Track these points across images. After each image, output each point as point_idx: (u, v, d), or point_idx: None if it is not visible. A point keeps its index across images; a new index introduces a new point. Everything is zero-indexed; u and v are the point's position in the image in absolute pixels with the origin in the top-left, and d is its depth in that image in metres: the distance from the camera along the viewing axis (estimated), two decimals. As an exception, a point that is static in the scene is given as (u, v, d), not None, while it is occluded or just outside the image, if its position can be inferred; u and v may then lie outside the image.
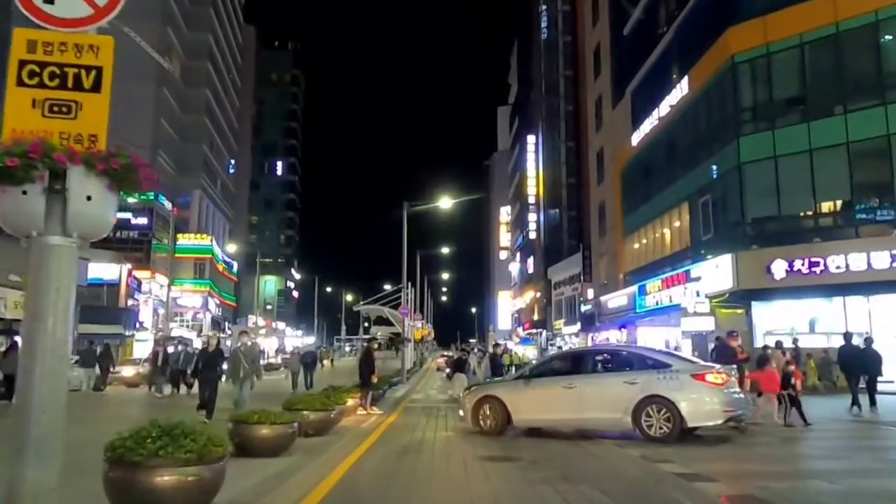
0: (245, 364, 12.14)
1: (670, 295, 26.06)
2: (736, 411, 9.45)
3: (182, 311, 61.78)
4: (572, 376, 10.32)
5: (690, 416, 9.21)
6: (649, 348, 12.42)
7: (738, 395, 9.88)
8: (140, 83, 56.17)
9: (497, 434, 10.37)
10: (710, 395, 9.36)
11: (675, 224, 27.84)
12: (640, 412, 9.34)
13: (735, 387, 9.87)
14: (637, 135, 31.99)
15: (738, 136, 21.67)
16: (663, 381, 9.41)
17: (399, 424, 12.49)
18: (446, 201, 30.20)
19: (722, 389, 9.42)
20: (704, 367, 9.97)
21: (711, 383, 9.40)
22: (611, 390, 9.76)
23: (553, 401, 10.19)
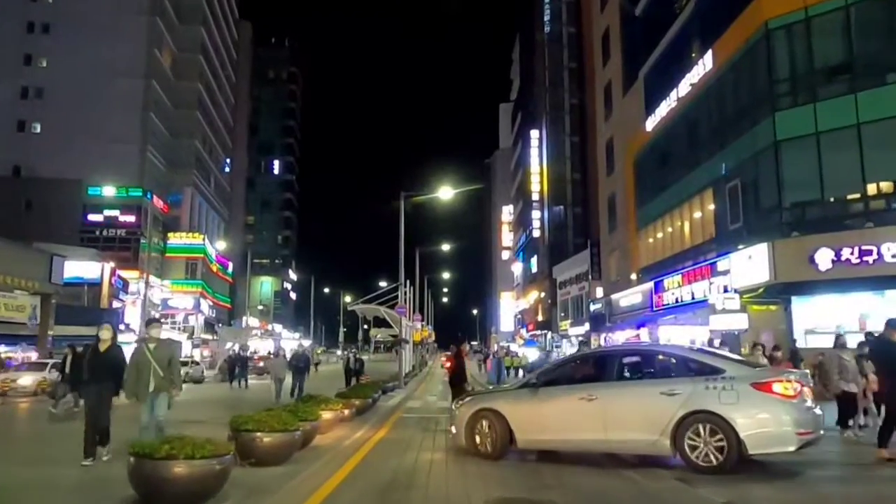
0: (157, 370, 7.88)
1: (692, 291, 23.72)
2: (812, 433, 7.11)
3: (173, 312, 59.46)
4: (594, 385, 8.02)
5: (752, 440, 6.90)
6: (692, 348, 9.56)
7: (815, 411, 7.39)
8: (128, 75, 54.19)
9: (496, 457, 8.21)
10: (779, 412, 6.98)
11: (697, 214, 25.48)
12: (682, 433, 7.12)
13: (810, 399, 7.42)
14: (652, 120, 29.67)
15: (773, 111, 19.32)
16: (713, 391, 7.12)
17: (388, 442, 10.16)
18: (446, 191, 27.96)
19: (794, 403, 7.05)
20: (769, 374, 7.60)
21: (780, 395, 7.01)
22: (643, 404, 7.50)
23: (569, 416, 7.92)
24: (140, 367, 7.90)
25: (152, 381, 7.82)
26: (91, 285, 40.30)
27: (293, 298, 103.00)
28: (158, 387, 7.85)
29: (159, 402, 7.88)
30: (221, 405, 17.06)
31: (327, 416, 10.21)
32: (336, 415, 10.74)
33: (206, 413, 14.26)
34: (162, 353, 8.06)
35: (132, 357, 8.09)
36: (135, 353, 8.13)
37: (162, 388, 7.89)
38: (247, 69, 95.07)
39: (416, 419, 13.79)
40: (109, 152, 52.35)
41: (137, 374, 7.88)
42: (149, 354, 7.93)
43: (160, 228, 59.41)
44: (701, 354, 8.12)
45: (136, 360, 7.97)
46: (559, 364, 10.14)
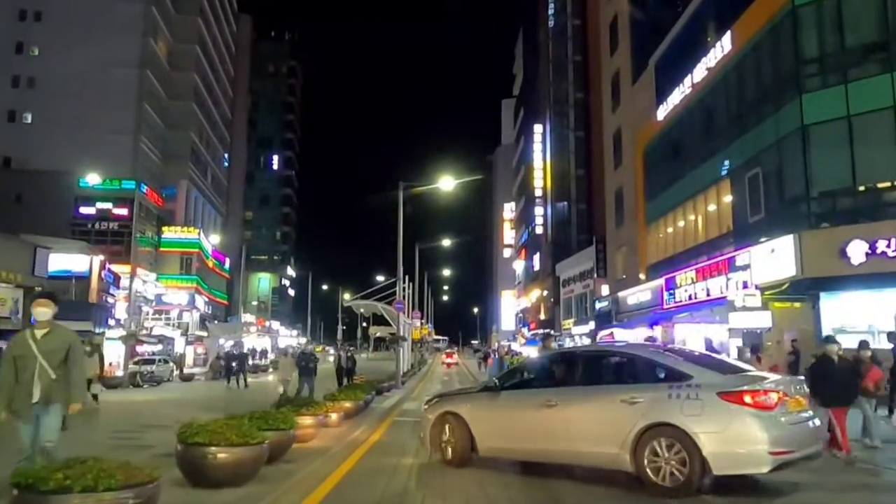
0: (46, 370, 5.36)
1: (707, 287, 22.35)
2: (792, 452, 5.96)
3: (167, 308, 58.06)
4: (555, 389, 7.22)
5: (717, 459, 5.85)
6: (668, 349, 8.15)
7: (805, 425, 6.30)
8: (122, 65, 52.80)
9: (458, 465, 7.59)
10: (748, 427, 5.87)
11: (712, 206, 24.11)
12: (642, 447, 6.16)
13: (797, 410, 6.28)
14: (663, 108, 28.30)
15: (799, 93, 17.94)
16: (676, 401, 6.14)
17: (377, 452, 8.80)
18: (446, 182, 26.66)
19: (769, 417, 5.92)
20: (741, 381, 6.33)
21: (752, 406, 5.91)
22: (603, 412, 6.58)
23: (528, 423, 7.15)
24: (19, 364, 5.36)
25: (37, 387, 5.28)
26: (79, 279, 38.84)
27: (291, 295, 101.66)
28: (47, 395, 5.32)
29: (48, 418, 5.36)
30: (206, 406, 15.66)
31: (307, 421, 8.86)
32: (319, 420, 9.36)
33: (183, 414, 12.87)
34: (53, 345, 5.45)
35: (7, 350, 5.64)
36: (11, 344, 5.64)
37: (53, 398, 5.37)
38: (246, 63, 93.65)
39: (411, 423, 12.38)
40: (103, 143, 50.93)
41: (15, 374, 5.36)
42: (33, 346, 5.36)
43: (154, 222, 58.05)
44: (666, 357, 6.99)
45: (14, 355, 5.43)
46: (521, 366, 9.16)
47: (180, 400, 19.51)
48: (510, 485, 6.83)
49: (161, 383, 28.28)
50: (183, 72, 61.90)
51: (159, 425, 10.55)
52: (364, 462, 8.07)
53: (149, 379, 27.25)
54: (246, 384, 25.41)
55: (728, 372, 6.67)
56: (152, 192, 56.18)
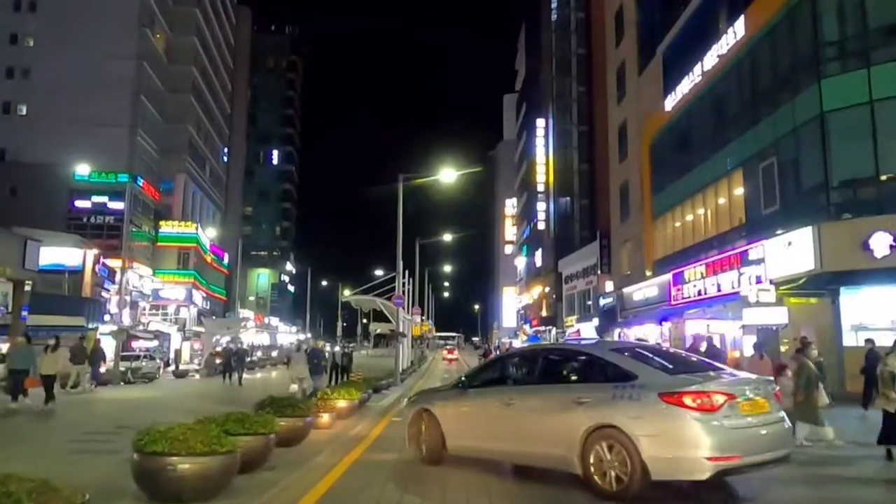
0: None
1: (718, 282, 21.50)
2: (740, 458, 5.57)
3: (164, 304, 57.30)
4: (513, 388, 7.30)
5: (656, 463, 5.59)
6: (614, 347, 7.68)
7: (761, 428, 5.85)
8: (118, 57, 51.94)
9: (430, 462, 7.56)
10: (686, 431, 5.54)
11: (723, 198, 23.24)
12: (588, 450, 5.97)
13: (752, 413, 5.84)
14: (671, 99, 27.42)
15: (818, 78, 17.07)
16: (619, 401, 5.95)
17: (371, 454, 8.00)
18: (447, 173, 25.90)
19: (712, 419, 5.54)
20: (688, 381, 5.90)
21: (691, 408, 5.58)
22: (554, 413, 6.41)
23: (489, 422, 7.13)
24: None
25: None
26: (72, 273, 38.08)
27: (291, 291, 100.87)
28: None
29: None
30: (193, 405, 14.85)
31: (294, 424, 8.04)
32: (307, 422, 8.54)
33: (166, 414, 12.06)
34: None
35: None
36: None
37: None
38: (245, 57, 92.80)
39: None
40: (99, 136, 50.11)
41: None
42: None
43: (151, 216, 57.28)
44: (614, 355, 6.69)
45: None
46: (489, 363, 9.03)
47: (168, 398, 18.74)
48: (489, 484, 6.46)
49: (154, 380, 27.48)
50: (181, 64, 61.09)
51: (136, 426, 9.70)
52: (354, 470, 7.27)
53: (141, 376, 26.42)
54: (240, 381, 24.46)
55: (681, 372, 6.31)
56: (149, 186, 55.37)
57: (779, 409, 6.18)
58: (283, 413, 8.19)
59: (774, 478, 6.52)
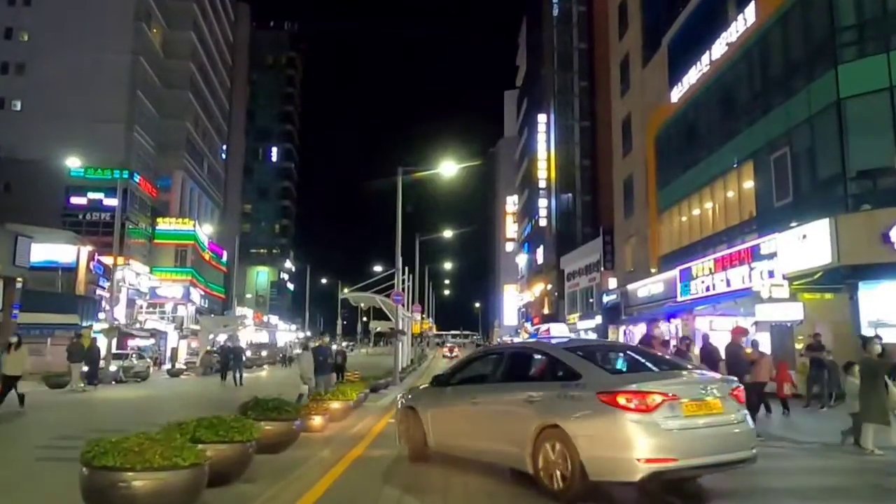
0: None
1: (728, 278, 20.80)
2: (677, 461, 5.35)
3: (161, 301, 56.62)
4: (480, 386, 7.36)
5: (592, 464, 5.52)
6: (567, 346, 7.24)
7: (707, 430, 5.59)
8: (114, 51, 51.26)
9: (414, 459, 7.62)
10: (620, 432, 5.43)
11: (732, 191, 22.52)
12: (538, 448, 5.97)
13: (699, 414, 5.60)
14: (678, 90, 26.70)
15: (835, 63, 16.34)
16: (563, 401, 5.92)
17: (365, 461, 7.30)
18: (447, 167, 25.25)
19: (647, 420, 5.38)
20: (627, 380, 5.81)
21: (625, 408, 5.45)
22: (511, 411, 6.47)
23: (460, 420, 7.26)
24: None
25: None
26: (66, 270, 37.40)
27: (290, 289, 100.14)
28: None
29: None
30: (181, 406, 14.21)
31: (280, 428, 7.35)
32: (297, 426, 7.84)
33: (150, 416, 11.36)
34: None
35: None
36: None
37: None
38: (244, 53, 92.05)
39: None
40: (95, 132, 49.37)
41: None
42: None
43: (148, 213, 56.58)
44: (566, 354, 6.56)
45: None
46: (465, 361, 8.73)
47: (158, 398, 18.06)
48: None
49: (147, 379, 26.81)
50: (178, 60, 60.38)
51: (113, 429, 9.00)
52: (345, 480, 6.58)
53: (133, 375, 25.74)
54: (240, 381, 23.41)
55: (630, 371, 6.37)
56: (146, 183, 54.68)
57: (738, 411, 5.84)
58: (268, 416, 7.50)
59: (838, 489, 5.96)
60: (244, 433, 5.72)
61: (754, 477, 6.55)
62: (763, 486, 6.53)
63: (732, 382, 6.13)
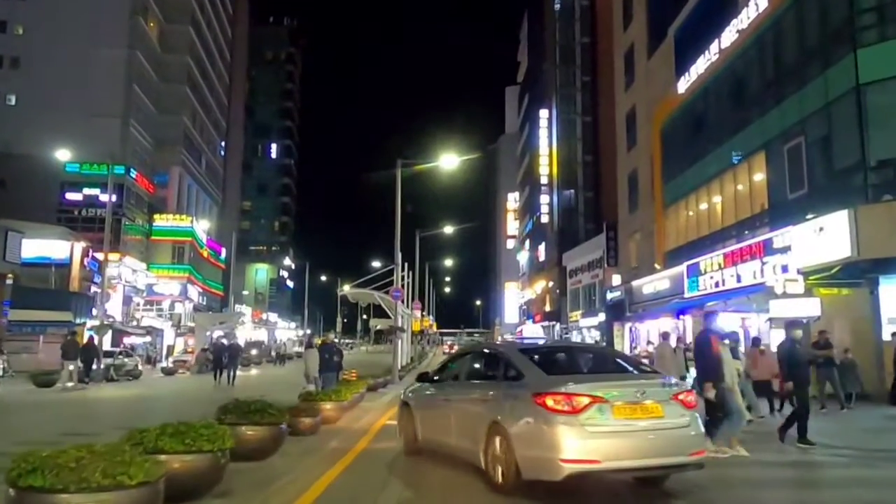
0: None
1: (738, 273, 20.09)
2: (600, 462, 5.40)
3: (158, 299, 55.94)
4: (454, 383, 7.72)
5: (524, 462, 5.74)
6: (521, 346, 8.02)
7: (636, 434, 5.62)
8: (110, 45, 50.51)
9: (408, 453, 7.94)
10: (545, 432, 5.59)
11: (742, 185, 21.79)
12: (487, 445, 6.27)
13: (631, 417, 5.62)
14: (685, 80, 25.95)
15: (854, 48, 15.61)
16: (507, 400, 6.23)
17: (354, 472, 6.57)
18: (447, 160, 24.55)
19: (570, 421, 5.49)
20: (559, 382, 5.85)
21: (551, 409, 5.59)
22: (470, 409, 6.82)
23: (438, 416, 7.58)
24: None
25: None
26: (59, 266, 36.70)
27: (290, 287, 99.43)
28: None
29: None
30: (165, 408, 13.52)
31: (263, 434, 6.64)
32: (280, 431, 7.11)
33: (127, 419, 10.68)
34: None
35: None
36: None
37: None
38: (243, 48, 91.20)
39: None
40: (90, 127, 48.59)
41: None
42: None
43: (145, 209, 55.87)
44: (517, 355, 6.78)
45: None
46: (446, 361, 9.00)
47: (146, 398, 17.36)
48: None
49: (139, 377, 26.10)
50: (176, 54, 59.60)
51: (82, 433, 8.33)
52: (335, 489, 5.87)
53: (125, 373, 25.02)
54: (232, 381, 22.26)
55: (571, 372, 6.51)
56: (142, 178, 53.94)
57: (681, 415, 5.73)
58: (249, 420, 6.79)
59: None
60: (215, 441, 5.00)
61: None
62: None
63: (677, 386, 6.06)
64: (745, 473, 7.12)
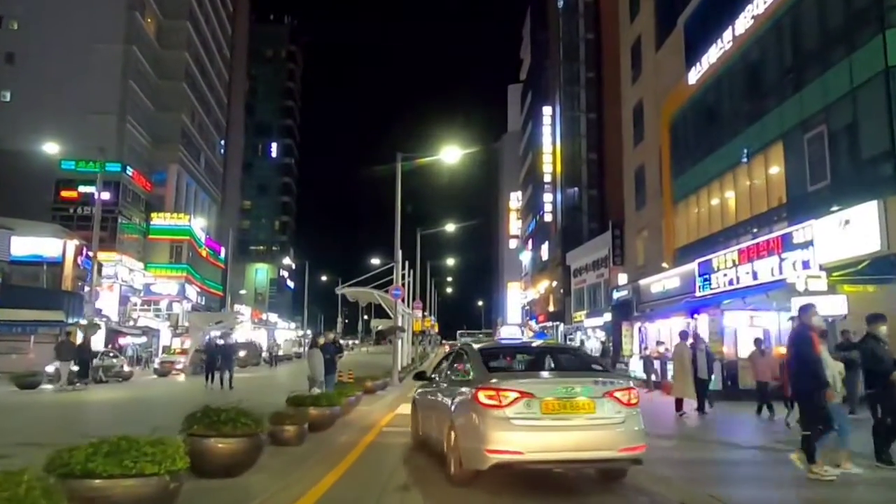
0: None
1: (754, 270, 19.13)
2: (522, 454, 5.66)
3: (156, 298, 55.04)
4: (439, 380, 8.26)
5: (464, 453, 6.07)
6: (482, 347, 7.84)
7: (559, 430, 5.79)
8: (106, 41, 49.70)
9: (415, 446, 8.46)
10: (474, 423, 5.98)
11: (756, 179, 20.83)
12: (448, 438, 6.56)
13: (559, 413, 5.80)
14: (695, 71, 24.99)
15: (882, 28, 14.65)
16: (459, 397, 6.59)
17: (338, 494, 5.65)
18: (448, 153, 23.65)
19: (496, 415, 5.78)
20: (487, 378, 6.27)
21: (481, 403, 5.93)
22: (442, 404, 7.19)
23: (427, 411, 8.05)
24: None
25: None
26: (52, 265, 35.83)
27: (291, 287, 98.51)
28: None
29: None
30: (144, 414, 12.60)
31: (235, 448, 5.70)
32: (254, 442, 6.17)
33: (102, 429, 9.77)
34: None
35: None
36: None
37: None
38: (243, 46, 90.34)
39: (402, 446, 9.06)
40: (86, 123, 47.75)
41: None
42: None
43: (142, 208, 55.02)
44: (474, 353, 7.20)
45: None
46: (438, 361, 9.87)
47: (131, 401, 16.43)
48: None
49: (129, 379, 25.19)
50: (173, 50, 58.75)
51: (40, 443, 7.37)
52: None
53: (114, 374, 24.09)
54: (230, 384, 20.50)
55: (509, 370, 7.22)
56: (139, 176, 53.09)
57: (616, 412, 5.88)
58: (219, 431, 5.86)
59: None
60: (163, 461, 4.06)
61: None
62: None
63: (612, 385, 6.04)
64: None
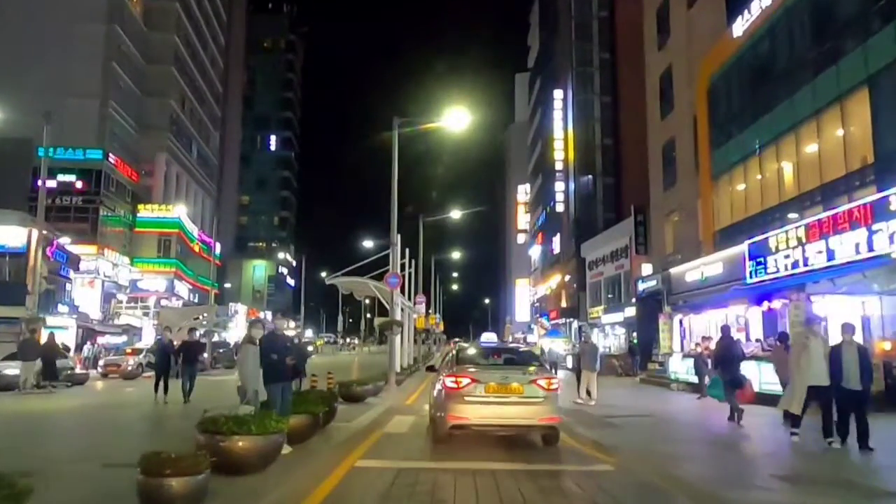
0: None
1: (830, 248, 15.54)
2: (469, 419, 8.76)
3: (143, 295, 51.65)
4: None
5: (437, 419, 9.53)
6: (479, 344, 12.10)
7: (494, 405, 8.80)
8: (85, 18, 46.41)
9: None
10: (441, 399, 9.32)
11: (831, 136, 17.19)
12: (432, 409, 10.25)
13: (498, 393, 8.85)
14: (741, 22, 21.44)
15: None
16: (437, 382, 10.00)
17: None
18: (451, 119, 20.06)
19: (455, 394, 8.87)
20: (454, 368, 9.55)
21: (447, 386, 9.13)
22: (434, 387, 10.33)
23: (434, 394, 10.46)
24: None
25: None
26: (14, 255, 32.43)
27: (290, 284, 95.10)
28: None
29: None
30: (64, 438, 9.11)
31: None
32: None
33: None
34: None
35: None
36: None
37: None
38: (240, 36, 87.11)
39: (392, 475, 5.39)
40: (66, 108, 44.21)
41: None
42: None
43: (128, 199, 51.71)
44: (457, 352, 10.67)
45: None
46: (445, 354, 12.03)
47: (63, 415, 12.91)
48: None
49: (83, 383, 21.74)
50: (161, 32, 55.46)
51: None
52: None
53: (66, 378, 20.64)
54: (190, 392, 14.49)
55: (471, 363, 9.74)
56: (124, 164, 49.76)
57: (539, 393, 8.70)
58: None
59: None
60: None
61: None
62: None
63: (536, 375, 9.00)
64: None
